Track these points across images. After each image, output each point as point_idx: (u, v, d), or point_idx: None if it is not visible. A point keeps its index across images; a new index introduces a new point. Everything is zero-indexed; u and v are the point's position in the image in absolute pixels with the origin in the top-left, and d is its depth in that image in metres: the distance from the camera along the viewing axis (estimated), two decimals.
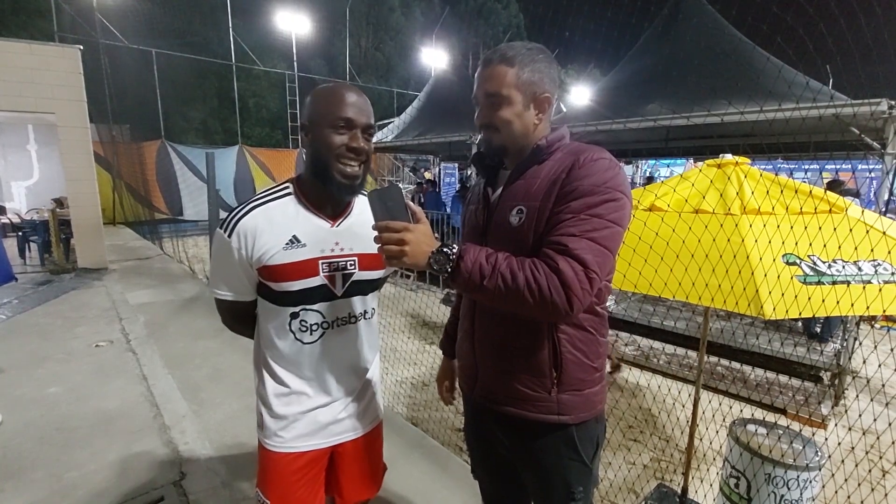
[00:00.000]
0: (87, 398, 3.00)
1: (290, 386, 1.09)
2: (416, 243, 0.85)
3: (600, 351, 1.03)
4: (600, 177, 0.90)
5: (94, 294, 5.56)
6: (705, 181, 1.90)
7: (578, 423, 1.01)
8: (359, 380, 1.18)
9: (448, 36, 20.71)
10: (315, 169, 1.02)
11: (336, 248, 1.07)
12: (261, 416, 1.13)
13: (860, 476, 2.39)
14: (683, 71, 5.36)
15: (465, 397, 1.22)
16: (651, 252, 1.60)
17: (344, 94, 0.99)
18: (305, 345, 1.07)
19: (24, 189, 10.65)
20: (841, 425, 3.35)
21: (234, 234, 1.00)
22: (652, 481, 2.73)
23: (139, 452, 2.41)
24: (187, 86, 15.93)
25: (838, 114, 3.63)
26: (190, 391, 3.12)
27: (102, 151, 10.85)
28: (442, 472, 2.33)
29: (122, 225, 11.86)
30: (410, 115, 9.62)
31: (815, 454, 1.80)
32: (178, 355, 3.73)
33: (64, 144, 6.50)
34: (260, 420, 1.13)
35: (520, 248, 0.93)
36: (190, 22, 16.67)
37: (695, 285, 1.44)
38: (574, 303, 0.82)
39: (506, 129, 1.00)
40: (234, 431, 2.63)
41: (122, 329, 4.33)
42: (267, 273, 1.02)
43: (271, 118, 18.55)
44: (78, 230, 6.74)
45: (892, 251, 1.47)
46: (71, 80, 6.36)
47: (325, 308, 1.07)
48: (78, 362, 3.56)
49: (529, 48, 0.99)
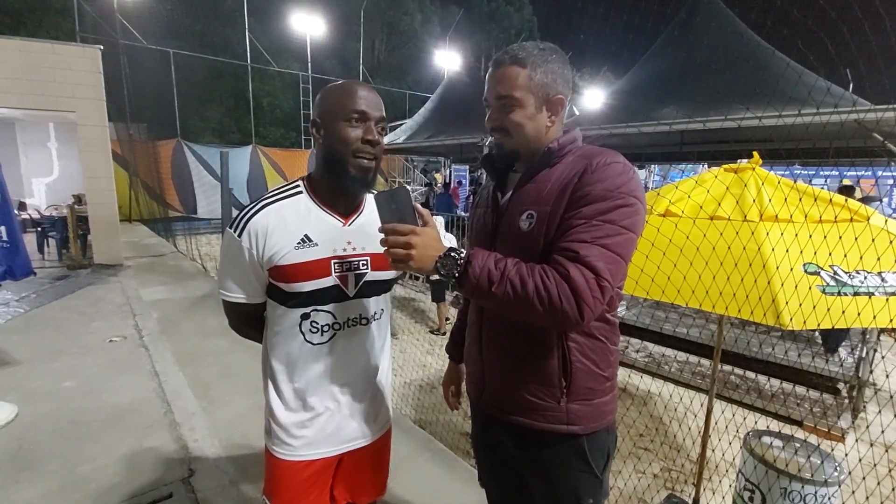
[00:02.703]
0: (101, 392, 3.04)
1: (299, 391, 1.07)
2: (422, 247, 0.83)
3: (611, 360, 1.00)
4: (613, 181, 0.87)
5: (109, 290, 5.65)
6: (721, 187, 1.86)
7: (588, 434, 0.99)
8: (369, 383, 1.14)
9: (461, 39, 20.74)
10: (329, 164, 1.01)
11: (348, 247, 1.05)
12: (268, 423, 1.10)
13: (883, 495, 2.32)
14: (700, 75, 5.28)
15: (473, 404, 1.20)
16: (665, 258, 1.57)
17: (356, 89, 0.99)
18: (315, 346, 1.04)
19: (44, 186, 10.90)
20: (861, 440, 3.26)
21: (245, 234, 0.98)
22: (662, 491, 2.68)
23: (149, 448, 2.44)
24: (204, 86, 16.14)
25: (861, 119, 3.55)
26: (200, 388, 3.14)
27: (120, 150, 11.06)
28: (449, 476, 2.31)
29: (137, 222, 12.05)
30: (422, 117, 9.63)
31: (835, 469, 1.75)
32: (189, 352, 3.77)
33: (83, 142, 6.62)
34: (268, 426, 1.11)
35: (529, 253, 0.91)
36: (208, 23, 16.93)
37: (709, 293, 1.41)
38: (585, 312, 0.80)
39: (517, 132, 0.98)
40: (242, 430, 2.64)
41: (136, 325, 4.39)
42: (278, 273, 1.00)
43: (285, 118, 18.72)
44: (95, 227, 6.86)
45: None
46: (91, 79, 6.49)
47: (336, 309, 1.05)
48: (92, 357, 3.62)
49: (542, 48, 0.97)
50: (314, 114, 1.03)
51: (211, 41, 16.12)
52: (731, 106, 4.33)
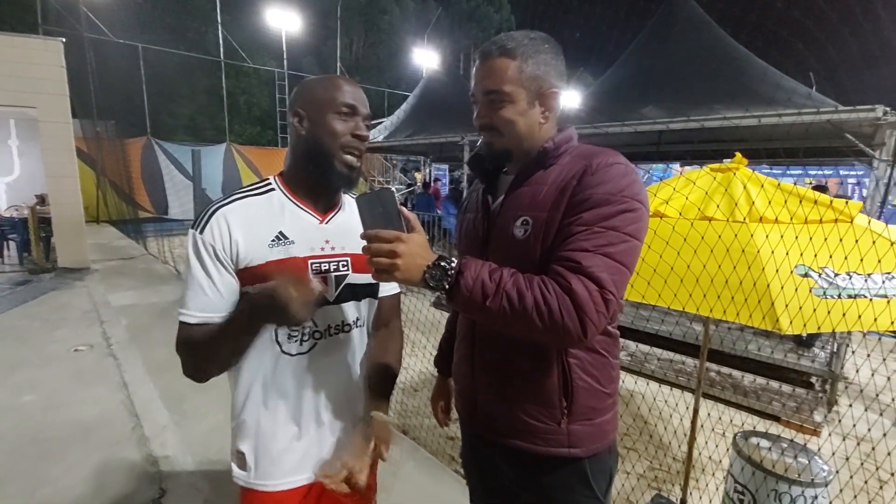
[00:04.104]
0: (65, 407, 2.87)
1: (276, 411, 0.96)
2: (409, 255, 0.75)
3: (613, 375, 0.95)
4: (616, 184, 0.81)
5: (74, 295, 5.38)
6: (711, 183, 1.84)
7: (591, 456, 0.93)
8: (353, 398, 1.05)
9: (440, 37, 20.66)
10: (313, 158, 0.93)
11: (326, 246, 0.96)
12: (240, 456, 0.97)
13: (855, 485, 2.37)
14: (677, 75, 5.36)
15: (463, 423, 1.12)
16: (661, 261, 1.54)
17: (343, 83, 0.94)
18: (293, 357, 0.94)
19: (5, 185, 10.34)
20: (835, 433, 3.34)
21: (209, 229, 0.87)
22: (648, 492, 2.68)
23: (117, 467, 2.30)
24: (175, 82, 15.63)
25: (833, 120, 3.64)
26: (172, 400, 2.99)
27: (86, 148, 10.61)
28: (437, 486, 2.25)
29: (105, 223, 11.59)
30: (402, 116, 9.54)
31: (822, 469, 1.75)
32: (160, 361, 3.60)
33: (45, 140, 6.32)
34: (240, 460, 0.98)
35: (525, 262, 0.84)
36: (180, 18, 16.40)
37: (706, 297, 1.38)
38: (588, 327, 0.74)
39: (508, 130, 0.90)
40: (218, 444, 2.52)
41: (103, 333, 4.18)
42: (250, 276, 0.89)
43: (262, 116, 18.33)
44: (59, 228, 6.56)
45: None
46: (53, 73, 6.19)
47: (316, 314, 0.93)
48: (56, 368, 3.42)
49: (532, 38, 0.89)
50: (295, 104, 0.94)
51: (183, 36, 15.60)
52: (711, 107, 4.39)
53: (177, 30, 15.83)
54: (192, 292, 0.89)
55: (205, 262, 0.88)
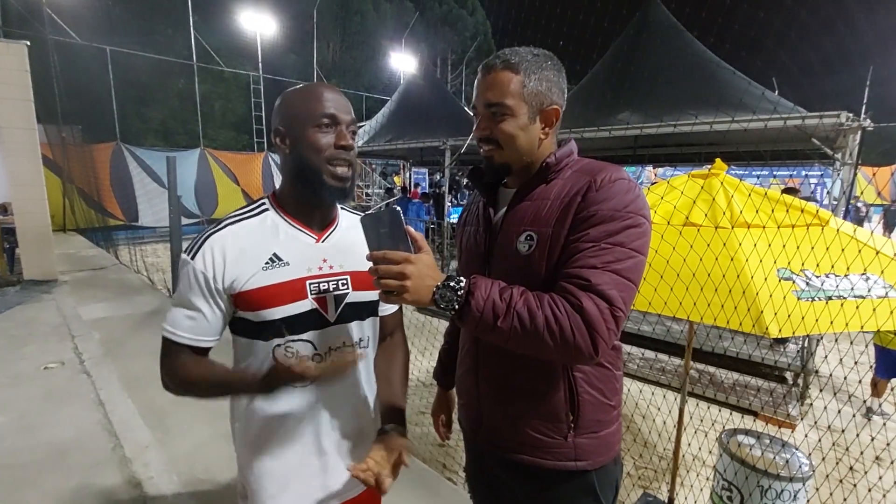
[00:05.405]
0: (37, 428, 2.73)
1: (278, 441, 0.93)
2: (418, 277, 0.74)
3: (617, 387, 0.96)
4: (620, 200, 0.82)
5: (42, 309, 5.15)
6: (692, 194, 1.90)
7: (598, 469, 0.94)
8: (359, 423, 1.02)
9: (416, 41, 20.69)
10: (301, 176, 0.90)
11: (324, 265, 0.94)
12: (244, 488, 0.96)
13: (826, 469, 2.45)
14: (651, 80, 5.51)
15: (468, 438, 1.11)
16: (650, 269, 1.58)
17: (322, 91, 0.90)
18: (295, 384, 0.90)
19: None
20: (807, 423, 3.46)
21: (200, 256, 0.86)
22: (635, 490, 2.73)
23: (96, 491, 2.20)
24: (146, 86, 15.20)
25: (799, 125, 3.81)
26: (153, 417, 2.89)
27: (52, 154, 10.19)
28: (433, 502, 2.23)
29: (73, 232, 11.13)
30: (380, 121, 9.51)
31: (803, 464, 1.82)
32: (138, 376, 3.46)
33: (8, 146, 6.04)
34: (242, 491, 0.97)
35: (529, 277, 0.85)
36: (150, 20, 15.96)
37: (696, 304, 1.42)
38: (599, 345, 0.75)
39: (509, 143, 0.90)
40: (204, 462, 2.44)
41: (75, 348, 4.00)
42: (244, 301, 0.87)
43: (237, 121, 17.96)
44: (24, 238, 6.26)
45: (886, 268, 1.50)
46: (16, 78, 5.92)
47: (315, 337, 0.92)
48: (25, 387, 3.26)
49: (536, 54, 0.90)
50: (275, 122, 0.92)
51: (153, 39, 15.17)
52: (684, 111, 4.53)
53: (147, 32, 15.40)
54: (179, 312, 0.89)
55: (194, 291, 0.88)
